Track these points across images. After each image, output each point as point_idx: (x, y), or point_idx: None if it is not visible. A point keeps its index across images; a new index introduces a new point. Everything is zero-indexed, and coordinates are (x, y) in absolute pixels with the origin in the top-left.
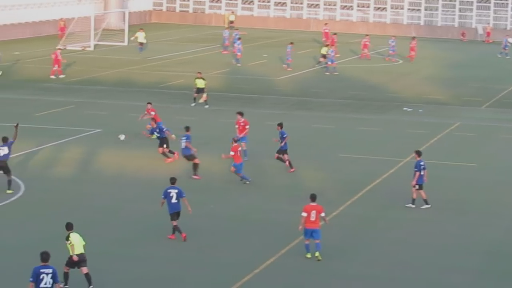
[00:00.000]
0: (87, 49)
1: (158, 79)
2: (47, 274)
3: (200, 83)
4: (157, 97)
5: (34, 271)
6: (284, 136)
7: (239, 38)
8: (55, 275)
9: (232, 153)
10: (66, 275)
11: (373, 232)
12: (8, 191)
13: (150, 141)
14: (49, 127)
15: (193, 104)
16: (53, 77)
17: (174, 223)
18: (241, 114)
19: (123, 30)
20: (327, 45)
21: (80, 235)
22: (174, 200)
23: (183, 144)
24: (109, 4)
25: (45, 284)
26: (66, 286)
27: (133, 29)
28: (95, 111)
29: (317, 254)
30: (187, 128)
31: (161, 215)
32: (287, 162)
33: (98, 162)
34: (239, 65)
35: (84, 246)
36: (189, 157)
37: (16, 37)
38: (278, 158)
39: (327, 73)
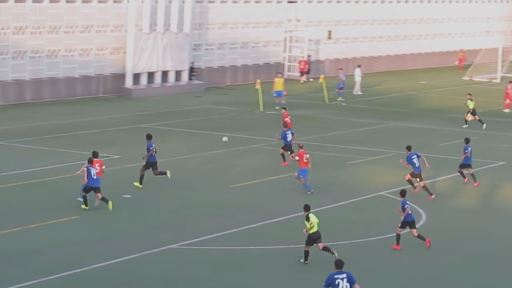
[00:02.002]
0: (494, 81)
1: None
2: (342, 279)
3: (471, 104)
4: None
5: (329, 278)
6: (466, 151)
7: None
8: (350, 277)
9: (297, 158)
10: (306, 253)
11: None
12: (169, 173)
13: None
14: (451, 158)
15: (464, 126)
16: (506, 110)
17: (399, 231)
18: None
19: None
20: None
21: (317, 217)
22: (409, 211)
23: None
24: None
25: None
26: (306, 262)
27: None
28: (498, 143)
29: None
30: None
31: None
32: (465, 178)
33: (500, 195)
34: None
35: (318, 224)
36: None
37: (423, 66)
38: (459, 172)
39: None
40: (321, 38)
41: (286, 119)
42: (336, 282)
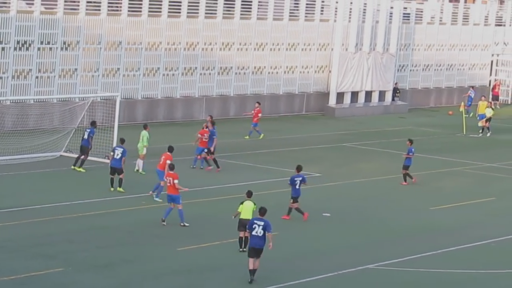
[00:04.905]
0: None
1: None
2: (258, 225)
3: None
4: None
5: (250, 222)
6: (410, 153)
7: None
8: (267, 225)
9: (199, 135)
10: (240, 240)
11: None
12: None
13: None
14: None
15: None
16: None
17: (295, 205)
18: None
19: None
20: None
21: (254, 203)
22: (297, 187)
23: None
24: None
25: (256, 233)
26: (242, 250)
27: None
28: None
29: None
30: None
31: None
32: (414, 179)
33: None
34: None
35: (253, 211)
36: None
37: None
38: (405, 174)
39: None
40: None
41: (259, 115)
42: (253, 226)
